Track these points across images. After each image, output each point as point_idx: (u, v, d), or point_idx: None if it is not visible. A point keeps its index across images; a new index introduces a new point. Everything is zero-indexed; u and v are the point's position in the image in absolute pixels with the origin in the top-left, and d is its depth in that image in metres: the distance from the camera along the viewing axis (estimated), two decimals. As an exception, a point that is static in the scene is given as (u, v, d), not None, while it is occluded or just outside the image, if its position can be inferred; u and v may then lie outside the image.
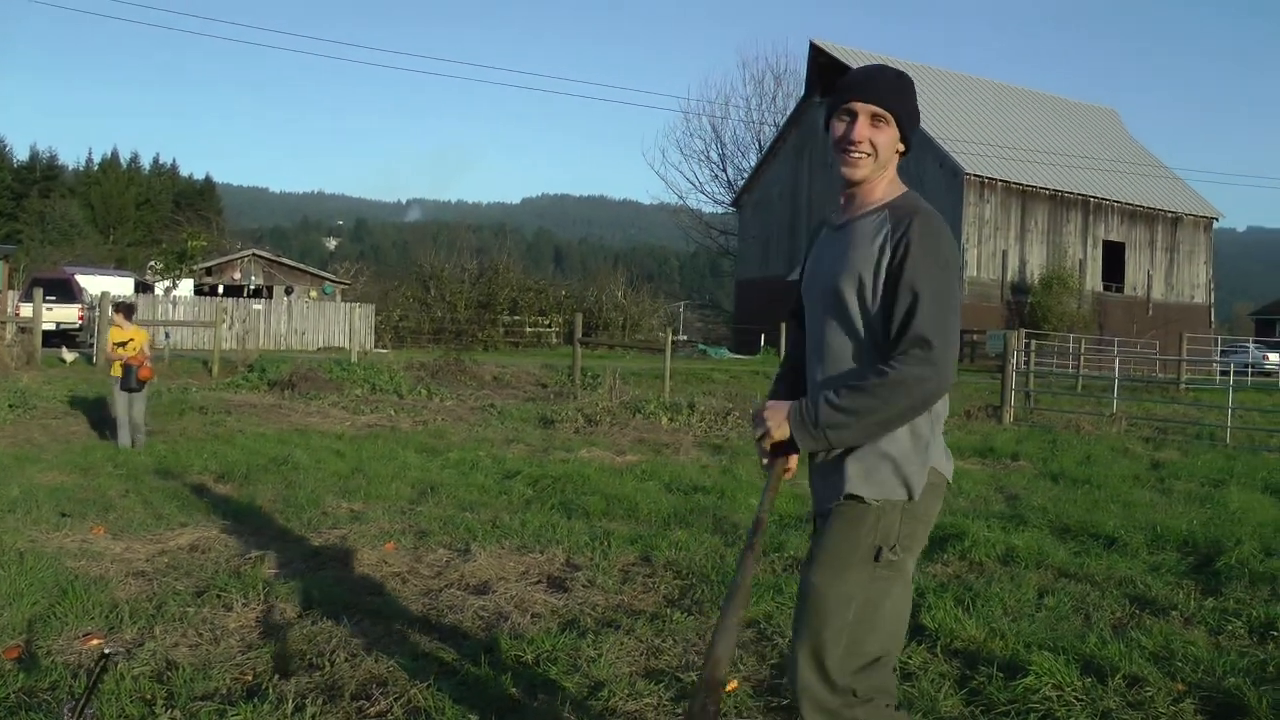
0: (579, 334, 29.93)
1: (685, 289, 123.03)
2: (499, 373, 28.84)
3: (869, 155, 3.55)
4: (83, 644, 6.14)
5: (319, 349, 45.14)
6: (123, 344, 15.05)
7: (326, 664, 5.78)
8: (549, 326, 58.64)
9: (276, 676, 5.64)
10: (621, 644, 6.22)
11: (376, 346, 45.83)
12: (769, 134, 73.45)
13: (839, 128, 3.59)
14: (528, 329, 57.97)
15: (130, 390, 14.74)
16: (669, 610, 6.95)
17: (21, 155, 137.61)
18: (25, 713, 5.04)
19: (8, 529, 9.18)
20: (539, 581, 7.71)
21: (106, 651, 3.12)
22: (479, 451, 14.71)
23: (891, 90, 3.57)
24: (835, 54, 59.20)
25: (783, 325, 38.90)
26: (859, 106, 3.54)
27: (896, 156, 3.64)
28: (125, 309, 15.65)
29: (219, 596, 7.02)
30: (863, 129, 3.53)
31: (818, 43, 60.77)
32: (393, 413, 19.68)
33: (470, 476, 12.56)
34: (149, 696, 5.31)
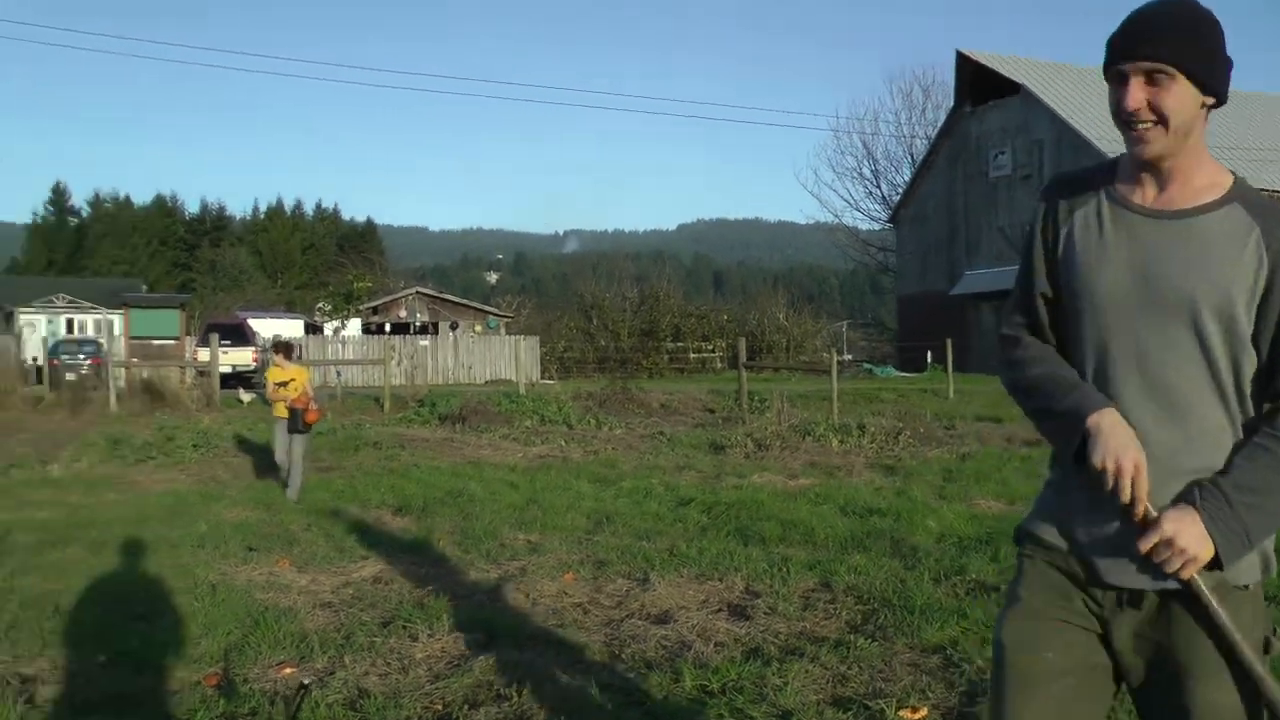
0: (743, 358, 29.87)
1: (846, 308, 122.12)
2: (666, 400, 28.91)
3: (1155, 124, 2.67)
4: (277, 672, 6.35)
5: (486, 382, 45.76)
6: (283, 384, 14.59)
7: (514, 695, 5.86)
8: (712, 351, 58.70)
9: (466, 706, 5.75)
10: (807, 672, 6.16)
11: (542, 378, 46.25)
12: (921, 147, 72.52)
13: (1114, 97, 2.73)
14: (691, 355, 58.07)
15: (297, 432, 14.10)
16: (852, 637, 6.87)
17: (193, 208, 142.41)
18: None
19: (200, 563, 9.55)
20: (720, 609, 7.70)
21: (305, 682, 3.21)
22: (651, 480, 14.75)
23: (1166, 35, 2.67)
24: (983, 61, 58.33)
25: (948, 341, 38.64)
26: (1126, 68, 2.69)
27: (1202, 117, 2.74)
28: (284, 348, 15.24)
29: (404, 627, 7.19)
30: (1136, 95, 2.66)
31: (965, 52, 59.88)
32: (563, 443, 19.84)
33: (644, 505, 12.61)
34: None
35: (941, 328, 51.03)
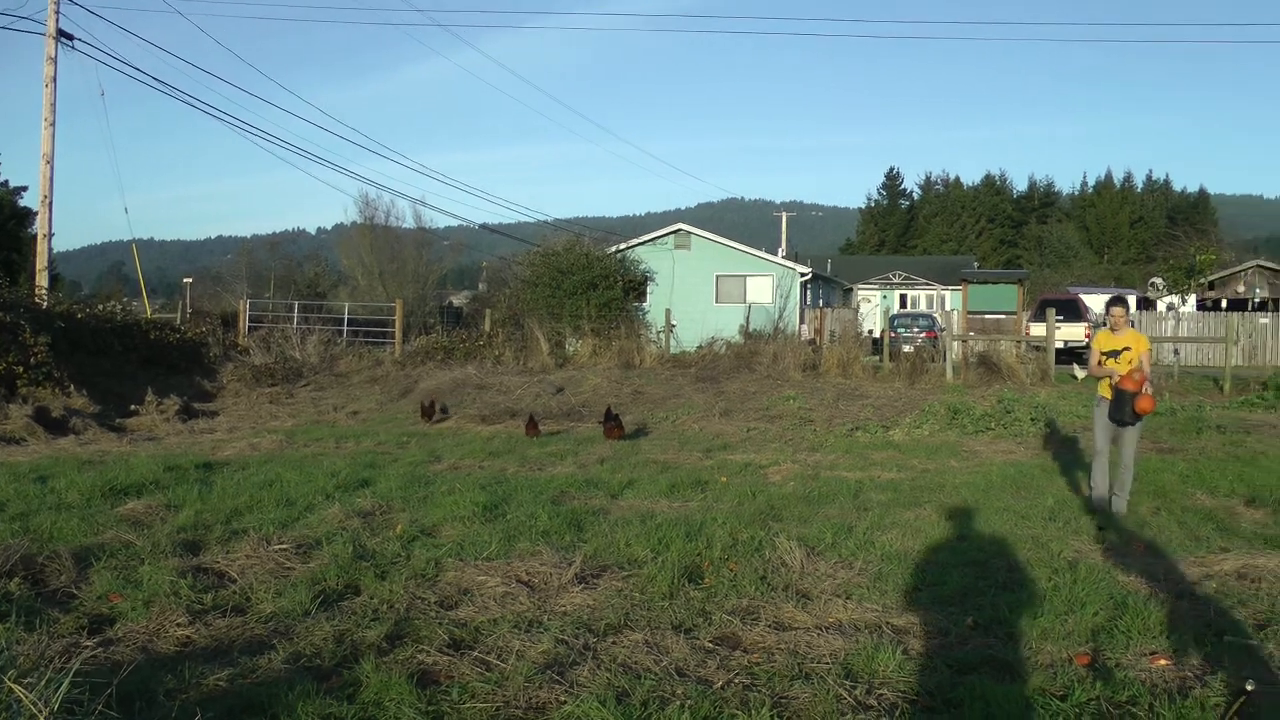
0: None
1: None
2: None
3: None
4: (1151, 662, 6.12)
5: (1339, 367, 42.52)
6: (1113, 354, 11.50)
7: None
8: None
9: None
10: None
11: None
12: None
13: None
14: None
15: (1120, 423, 11.26)
16: None
17: (1020, 186, 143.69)
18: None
19: (1052, 537, 9.52)
20: None
21: (1249, 688, 3.01)
22: None
23: None
24: None
25: None
26: None
27: None
28: (1120, 304, 11.82)
29: (1281, 634, 6.66)
30: None
31: None
32: None
33: None
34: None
35: None
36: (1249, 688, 2.95)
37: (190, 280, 67.78)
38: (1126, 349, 11.45)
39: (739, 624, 6.70)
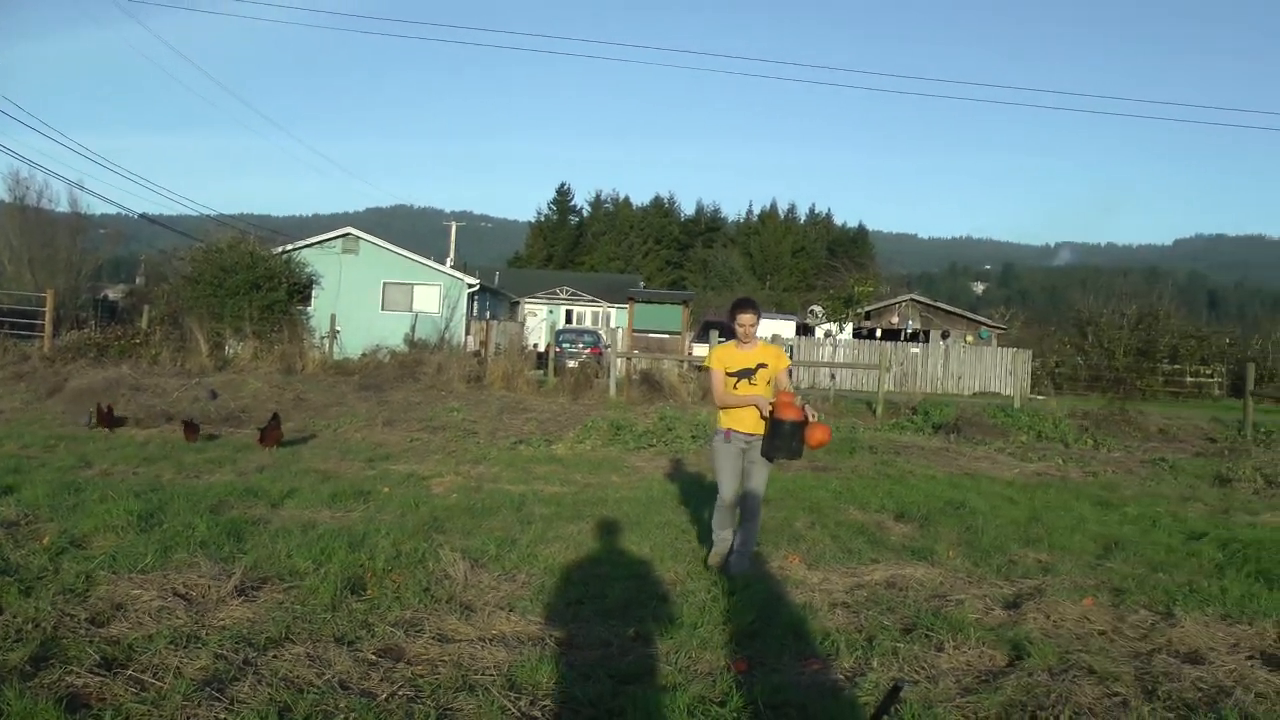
0: (1250, 385, 28.13)
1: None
2: (1165, 425, 27.56)
3: None
4: (805, 666, 6.46)
5: (974, 394, 45.19)
6: (746, 373, 9.09)
7: (1052, 719, 5.70)
8: (1211, 376, 55.71)
9: (1003, 725, 5.62)
10: (1368, 741, 5.68)
11: (1033, 392, 45.17)
12: None
13: None
14: (1188, 379, 55.33)
15: (772, 458, 9.00)
16: None
17: (688, 210, 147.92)
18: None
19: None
20: (1253, 656, 7.12)
21: (900, 683, 3.17)
22: (1156, 508, 14.05)
23: None
24: None
25: None
26: None
27: None
28: (749, 308, 9.10)
29: (928, 636, 7.13)
30: None
31: None
32: (1060, 461, 19.21)
33: (1152, 534, 12.01)
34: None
35: None
36: (898, 684, 3.11)
37: None
38: (762, 365, 9.10)
39: (403, 636, 6.65)
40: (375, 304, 45.19)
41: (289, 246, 42.61)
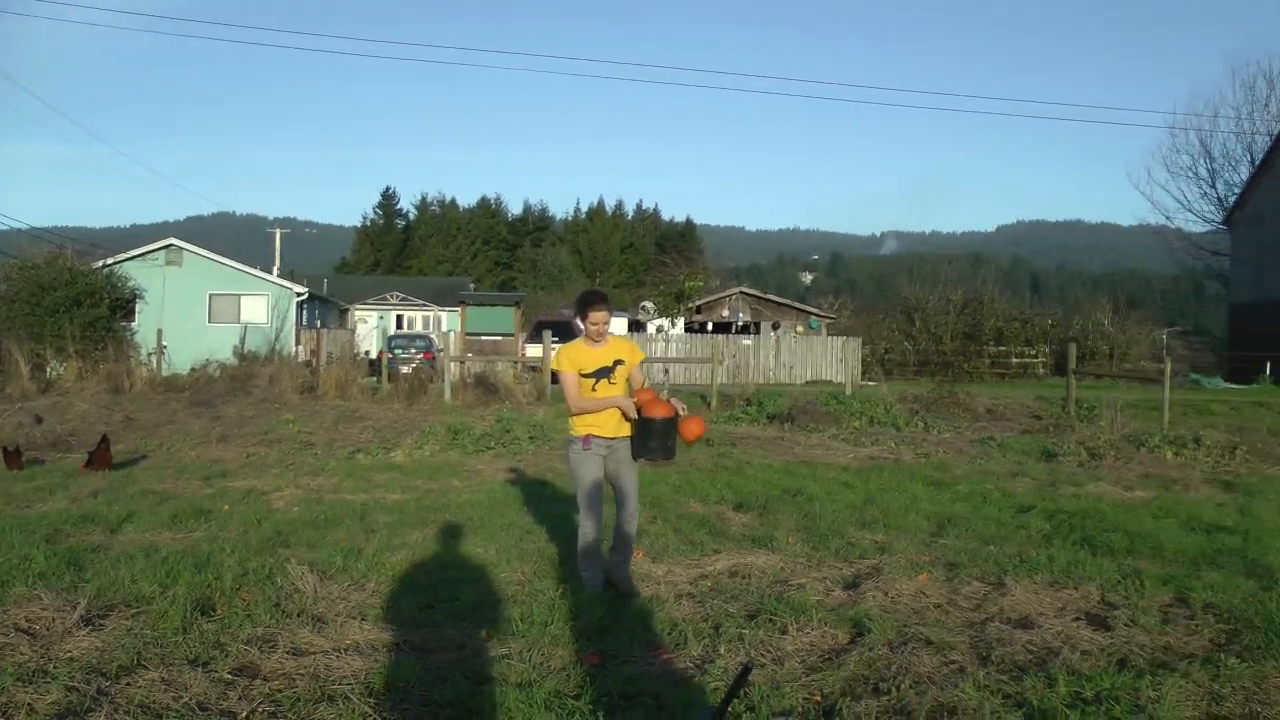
0: (1072, 364, 29.08)
1: (1167, 314, 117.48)
2: (992, 405, 28.41)
3: None
4: (656, 657, 6.61)
5: (806, 383, 45.93)
6: (604, 373, 8.35)
7: (893, 689, 5.95)
8: (1035, 357, 57.41)
9: (847, 699, 5.87)
10: (1180, 687, 6.06)
11: (863, 379, 46.10)
12: (1262, 144, 69.02)
13: None
14: (1013, 360, 56.93)
15: (658, 456, 8.30)
16: (1220, 655, 6.70)
17: (516, 210, 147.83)
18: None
19: (558, 550, 9.90)
20: (1079, 618, 7.58)
21: (748, 664, 3.33)
22: (986, 485, 14.56)
23: None
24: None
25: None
26: None
27: None
28: (600, 304, 8.38)
29: (771, 620, 7.35)
30: None
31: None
32: (893, 445, 19.73)
33: (983, 510, 12.48)
34: (733, 710, 5.59)
35: (1277, 338, 48.56)
36: (747, 666, 3.26)
37: None
38: (619, 362, 8.43)
39: (257, 653, 6.62)
40: (202, 316, 44.43)
41: (109, 260, 41.52)
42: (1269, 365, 48.67)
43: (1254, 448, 18.84)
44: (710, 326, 62.86)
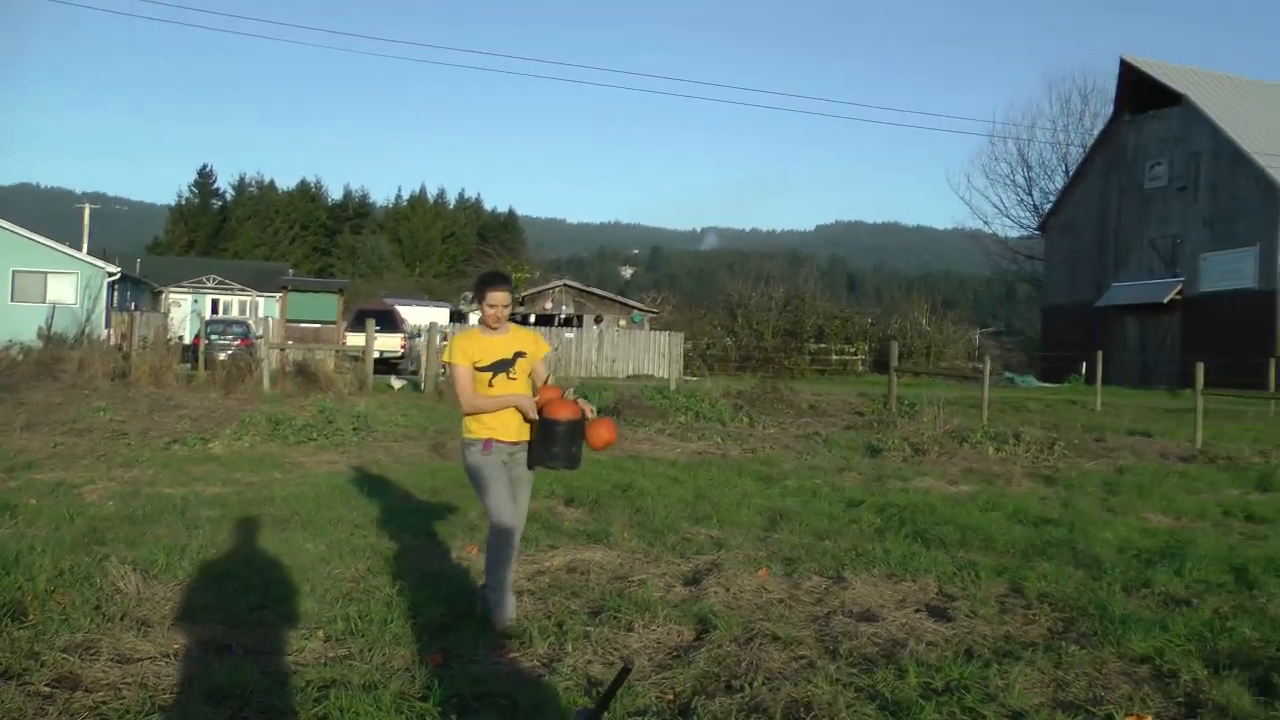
0: (894, 362, 29.65)
1: (980, 315, 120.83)
2: (815, 400, 28.83)
3: None
4: (500, 656, 6.47)
5: (628, 377, 46.00)
6: (503, 365, 7.22)
7: (746, 686, 5.92)
8: (855, 354, 58.54)
9: (700, 697, 5.82)
10: (1026, 675, 6.21)
11: (686, 374, 46.37)
12: (1076, 155, 71.76)
13: None
14: (834, 356, 57.97)
15: (560, 464, 7.16)
16: (1059, 643, 6.89)
17: (336, 195, 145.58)
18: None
19: (390, 545, 9.66)
20: (919, 610, 7.71)
21: (628, 665, 3.20)
22: (815, 480, 14.70)
23: None
24: (1147, 70, 57.51)
25: (1099, 353, 37.89)
26: None
27: None
28: (501, 284, 7.32)
29: (615, 617, 7.26)
30: None
31: (1129, 59, 58.94)
32: (719, 440, 19.82)
33: (814, 505, 12.58)
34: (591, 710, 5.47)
35: (1086, 339, 50.26)
36: (627, 665, 3.13)
37: None
38: (521, 355, 7.31)
39: (78, 661, 6.21)
40: (4, 295, 42.88)
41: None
42: (1085, 365, 50.15)
43: (1070, 444, 19.33)
44: (533, 319, 62.71)
